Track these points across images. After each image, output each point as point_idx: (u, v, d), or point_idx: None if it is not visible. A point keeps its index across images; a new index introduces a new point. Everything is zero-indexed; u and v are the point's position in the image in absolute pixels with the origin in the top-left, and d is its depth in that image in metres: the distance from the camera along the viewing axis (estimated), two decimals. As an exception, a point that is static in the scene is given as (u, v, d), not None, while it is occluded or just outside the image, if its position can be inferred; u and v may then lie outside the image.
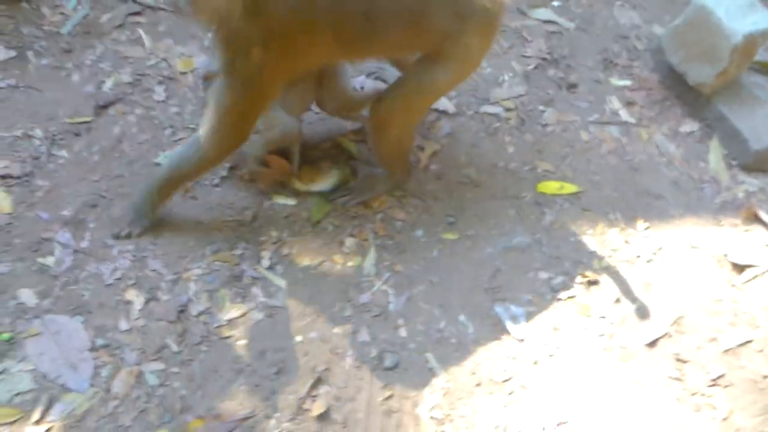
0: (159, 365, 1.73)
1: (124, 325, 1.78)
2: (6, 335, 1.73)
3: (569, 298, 1.98)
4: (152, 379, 1.70)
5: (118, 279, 1.85)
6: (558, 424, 1.74)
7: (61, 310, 1.79)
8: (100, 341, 1.75)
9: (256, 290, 1.90)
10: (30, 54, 2.35)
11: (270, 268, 1.94)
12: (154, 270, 1.90)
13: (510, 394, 1.79)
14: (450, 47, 1.85)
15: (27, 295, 1.81)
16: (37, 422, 1.60)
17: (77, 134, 2.17)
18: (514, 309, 1.93)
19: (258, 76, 1.76)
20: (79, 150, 2.11)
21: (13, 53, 2.33)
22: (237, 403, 1.70)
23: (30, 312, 1.78)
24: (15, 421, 1.60)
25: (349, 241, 2.03)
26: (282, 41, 1.72)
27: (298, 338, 1.82)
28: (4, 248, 1.88)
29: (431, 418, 1.73)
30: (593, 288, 2.01)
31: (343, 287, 1.93)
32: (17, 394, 1.65)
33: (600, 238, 2.13)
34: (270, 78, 1.78)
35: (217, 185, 2.10)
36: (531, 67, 2.59)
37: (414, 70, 1.93)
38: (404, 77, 1.99)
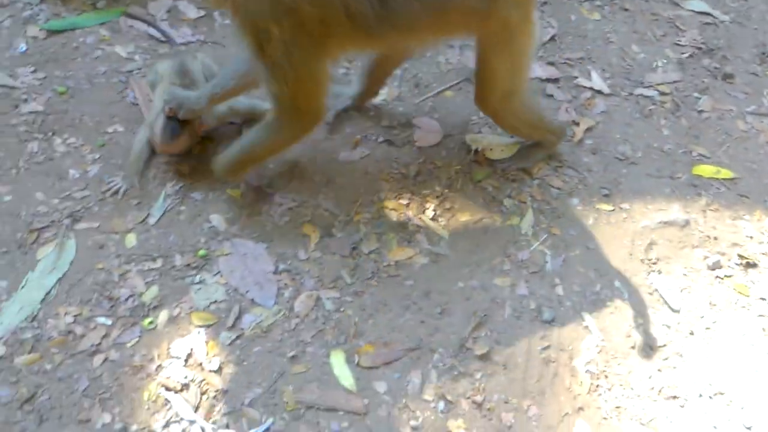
0: (334, 293, 1.89)
1: (302, 254, 1.97)
2: (202, 252, 1.94)
3: (726, 276, 2.00)
4: (329, 305, 1.87)
5: (296, 215, 2.04)
6: (715, 394, 1.78)
7: (246, 236, 2.00)
8: (282, 266, 1.93)
9: (420, 237, 2.03)
10: (216, 14, 2.62)
11: (433, 219, 2.07)
12: (327, 210, 2.07)
13: (665, 359, 1.83)
14: (486, 29, 1.81)
15: (218, 220, 2.02)
16: (230, 328, 1.81)
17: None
18: (670, 281, 1.98)
19: (288, 54, 1.70)
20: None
21: (202, 13, 2.61)
22: (404, 335, 1.84)
23: (221, 235, 2.00)
24: (211, 325, 1.81)
25: (508, 202, 2.13)
26: (293, 18, 1.65)
27: (460, 284, 1.94)
28: (199, 179, 2.12)
29: (587, 371, 1.80)
30: (751, 270, 2.02)
31: (502, 243, 2.04)
32: (213, 302, 1.86)
33: (758, 225, 2.14)
34: (302, 54, 1.71)
35: (381, 142, 2.27)
36: (685, 55, 2.61)
37: (482, 60, 1.89)
38: (480, 68, 1.92)
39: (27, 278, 1.87)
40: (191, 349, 1.76)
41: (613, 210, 2.13)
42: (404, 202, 2.09)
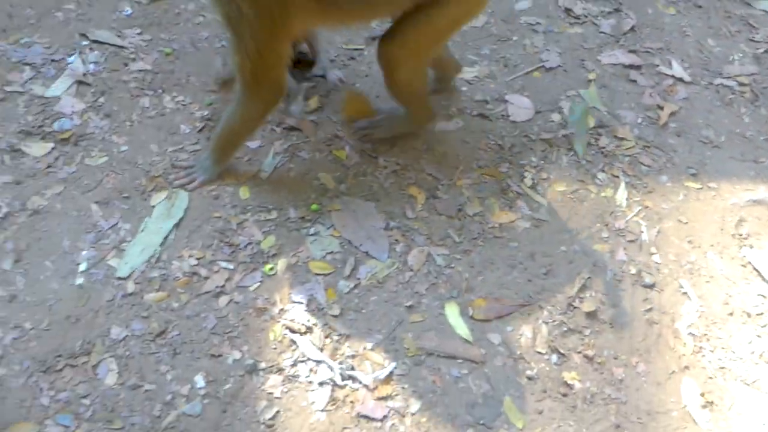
0: (444, 250, 1.97)
1: (410, 213, 2.04)
2: (315, 206, 2.02)
3: (815, 253, 2.10)
4: (440, 260, 1.95)
5: (401, 177, 2.11)
6: (814, 361, 1.86)
7: (354, 194, 2.08)
8: (392, 223, 2.01)
9: (521, 203, 2.12)
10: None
11: (532, 187, 2.16)
12: (430, 174, 2.16)
13: (763, 326, 1.92)
14: None
15: (326, 179, 2.10)
16: (347, 278, 1.88)
17: (351, 58, 2.50)
18: (762, 254, 2.07)
19: (252, 29, 1.75)
20: (352, 69, 2.44)
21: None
22: (513, 292, 1.91)
23: (330, 192, 2.08)
24: (329, 274, 1.89)
25: (601, 175, 2.22)
26: None
27: (563, 248, 2.02)
28: (305, 140, 2.20)
29: (689, 334, 1.88)
30: (839, 250, 2.12)
31: (599, 213, 2.12)
32: (329, 253, 1.93)
33: (839, 208, 2.24)
34: (265, 31, 1.77)
35: (476, 115, 2.35)
36: (761, 50, 2.72)
37: (412, 12, 1.92)
38: (404, 19, 1.95)
39: (145, 223, 1.95)
40: (311, 295, 1.84)
41: (701, 188, 2.23)
42: (503, 170, 2.18)
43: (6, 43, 2.35)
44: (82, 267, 1.84)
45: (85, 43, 2.39)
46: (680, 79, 2.57)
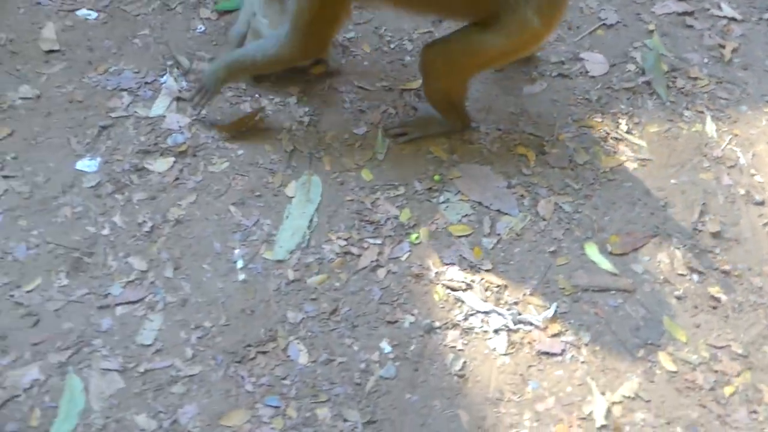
0: (568, 198, 2.11)
1: (526, 171, 2.18)
2: (437, 177, 2.14)
3: None
4: (567, 207, 2.08)
5: (505, 141, 2.23)
6: None
7: (468, 161, 2.20)
8: (512, 181, 2.15)
9: (622, 147, 2.26)
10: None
11: (628, 132, 2.31)
12: (531, 134, 2.29)
13: None
14: (506, 16, 1.88)
15: (437, 151, 2.23)
16: (487, 235, 2.01)
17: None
18: None
19: None
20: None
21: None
22: (640, 226, 2.06)
23: (445, 162, 2.20)
24: (469, 235, 2.01)
25: (687, 113, 2.37)
26: None
27: (672, 181, 2.17)
28: (408, 117, 2.33)
29: (810, 239, 2.05)
30: None
31: (695, 145, 2.28)
32: (464, 215, 2.06)
33: None
34: None
35: (556, 75, 2.50)
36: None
37: (467, 27, 1.97)
38: (457, 31, 2.00)
39: (288, 210, 2.05)
40: (460, 256, 1.96)
41: (782, 111, 2.42)
42: (598, 120, 2.34)
43: (96, 74, 2.43)
44: (239, 264, 1.94)
45: (170, 62, 2.50)
46: (733, 19, 2.75)
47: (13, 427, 1.62)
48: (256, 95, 2.38)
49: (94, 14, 2.52)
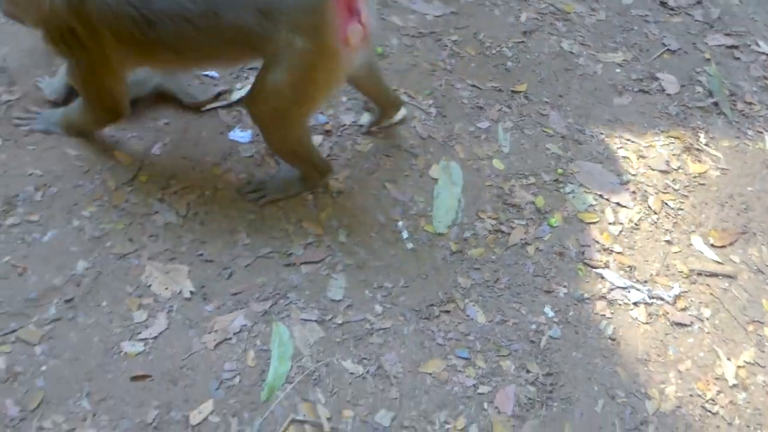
0: (670, 197, 2.48)
1: (632, 170, 2.54)
2: (560, 170, 2.44)
3: None
4: (671, 204, 2.45)
5: (607, 146, 2.57)
6: None
7: (581, 158, 2.52)
8: (624, 178, 2.47)
9: (704, 157, 2.67)
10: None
11: (707, 144, 2.72)
12: (629, 140, 2.65)
13: None
14: (271, 48, 1.77)
15: (554, 148, 2.52)
16: (612, 223, 2.32)
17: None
18: None
19: (78, 61, 1.87)
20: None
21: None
22: (730, 224, 2.46)
23: (563, 158, 2.51)
24: (596, 222, 2.32)
25: (750, 132, 2.81)
26: (89, 34, 1.78)
27: (749, 188, 2.61)
28: (520, 118, 2.60)
29: None
30: None
31: (762, 159, 2.72)
32: (589, 205, 2.37)
33: None
34: (89, 66, 1.86)
35: (637, 91, 2.86)
36: (812, 30, 3.49)
37: (259, 72, 1.87)
38: (257, 78, 1.89)
39: (437, 190, 2.29)
40: (593, 239, 2.27)
41: (818, 137, 2.91)
42: (681, 132, 2.73)
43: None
44: (405, 234, 2.15)
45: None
46: (769, 55, 3.29)
47: (231, 366, 1.76)
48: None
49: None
